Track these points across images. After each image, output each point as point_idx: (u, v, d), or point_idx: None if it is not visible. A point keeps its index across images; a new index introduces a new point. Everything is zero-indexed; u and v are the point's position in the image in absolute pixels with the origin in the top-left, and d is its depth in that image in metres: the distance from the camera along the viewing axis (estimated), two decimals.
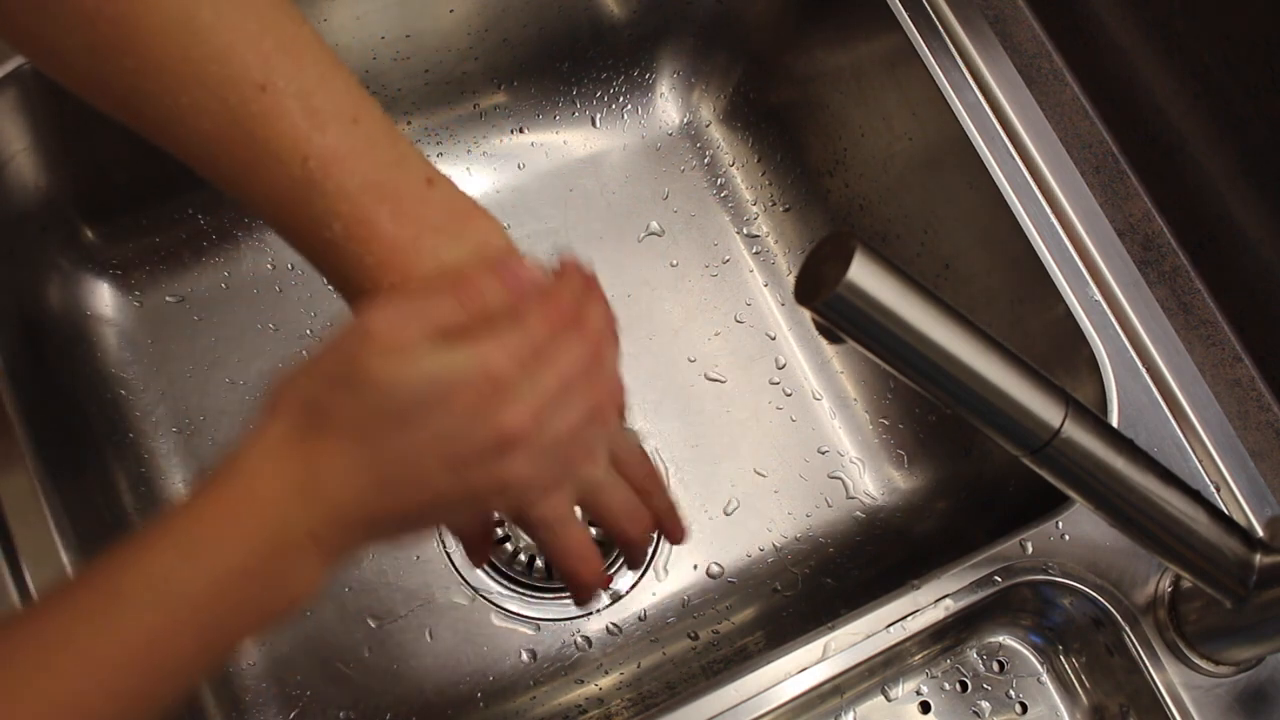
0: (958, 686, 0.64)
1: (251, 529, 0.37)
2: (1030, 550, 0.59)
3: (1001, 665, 0.64)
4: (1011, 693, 0.64)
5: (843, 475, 0.77)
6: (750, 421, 0.77)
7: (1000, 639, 0.64)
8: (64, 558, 0.53)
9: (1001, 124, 0.68)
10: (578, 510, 0.42)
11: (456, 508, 0.40)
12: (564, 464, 0.40)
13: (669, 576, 0.73)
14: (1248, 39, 0.62)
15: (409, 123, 0.79)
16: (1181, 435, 0.63)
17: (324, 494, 0.37)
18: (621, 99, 0.83)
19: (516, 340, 0.38)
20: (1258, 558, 0.49)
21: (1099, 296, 0.65)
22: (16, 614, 0.36)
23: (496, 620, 0.70)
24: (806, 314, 0.42)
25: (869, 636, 0.56)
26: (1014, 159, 0.67)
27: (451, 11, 0.74)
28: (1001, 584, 0.58)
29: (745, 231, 0.83)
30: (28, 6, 0.37)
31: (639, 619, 0.72)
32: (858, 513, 0.76)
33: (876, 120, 0.74)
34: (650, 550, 0.74)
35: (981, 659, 0.64)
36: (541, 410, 0.38)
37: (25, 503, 0.54)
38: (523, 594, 0.71)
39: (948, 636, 0.62)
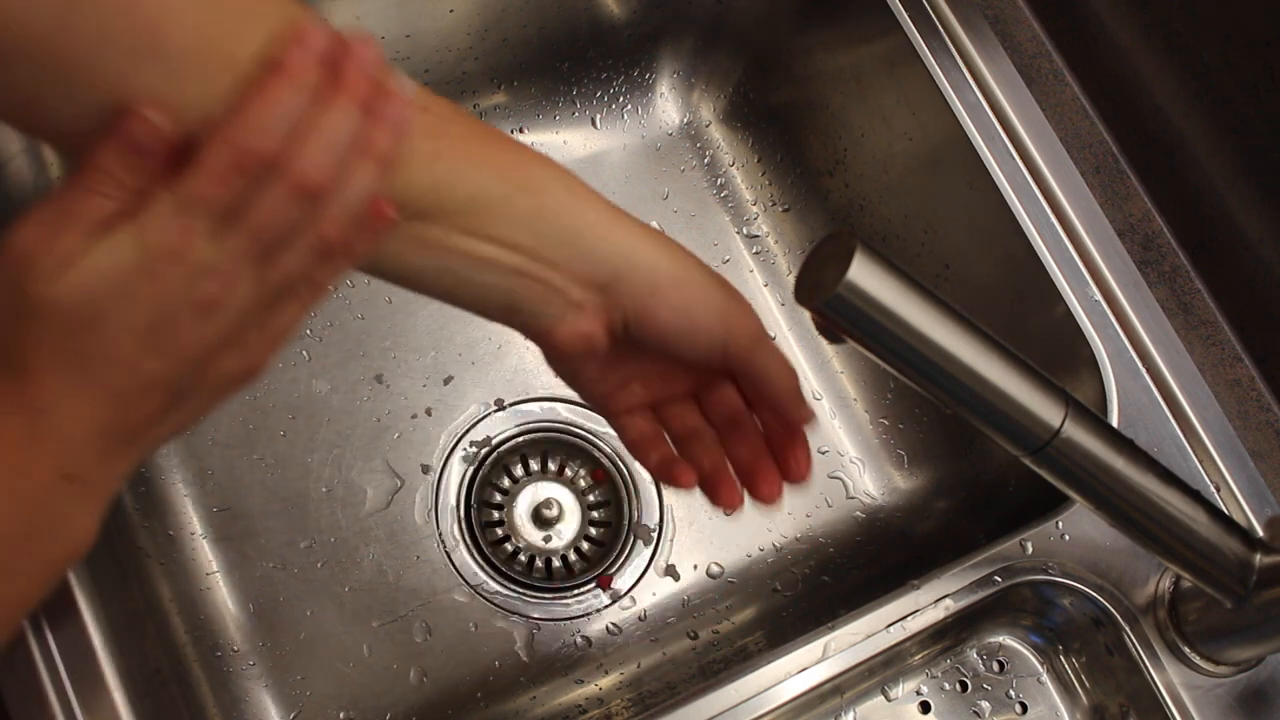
0: (958, 686, 0.64)
1: None
2: (1030, 550, 0.59)
3: (1001, 665, 0.64)
4: (1011, 693, 0.64)
5: (843, 475, 0.77)
6: None
7: (1000, 639, 0.64)
8: None
9: (1001, 124, 0.68)
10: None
11: (199, 389, 0.37)
12: (281, 306, 0.38)
13: (669, 576, 0.73)
14: (1248, 39, 0.62)
15: None
16: (1181, 435, 0.63)
17: (57, 433, 0.35)
18: (621, 99, 0.83)
19: (174, 205, 0.34)
20: (1258, 558, 0.49)
21: (1099, 296, 0.65)
22: None
23: (496, 620, 0.70)
24: (806, 314, 0.42)
25: (869, 636, 0.56)
26: (1014, 159, 0.67)
27: (451, 11, 0.74)
28: (1001, 584, 0.58)
29: (745, 231, 0.83)
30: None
31: (639, 619, 0.72)
32: (858, 513, 0.76)
33: (876, 120, 0.74)
34: (655, 538, 0.74)
35: (981, 659, 0.64)
36: (226, 267, 0.35)
37: None
38: (522, 594, 0.71)
39: (948, 636, 0.62)
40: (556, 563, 0.73)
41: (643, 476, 0.75)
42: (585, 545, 0.74)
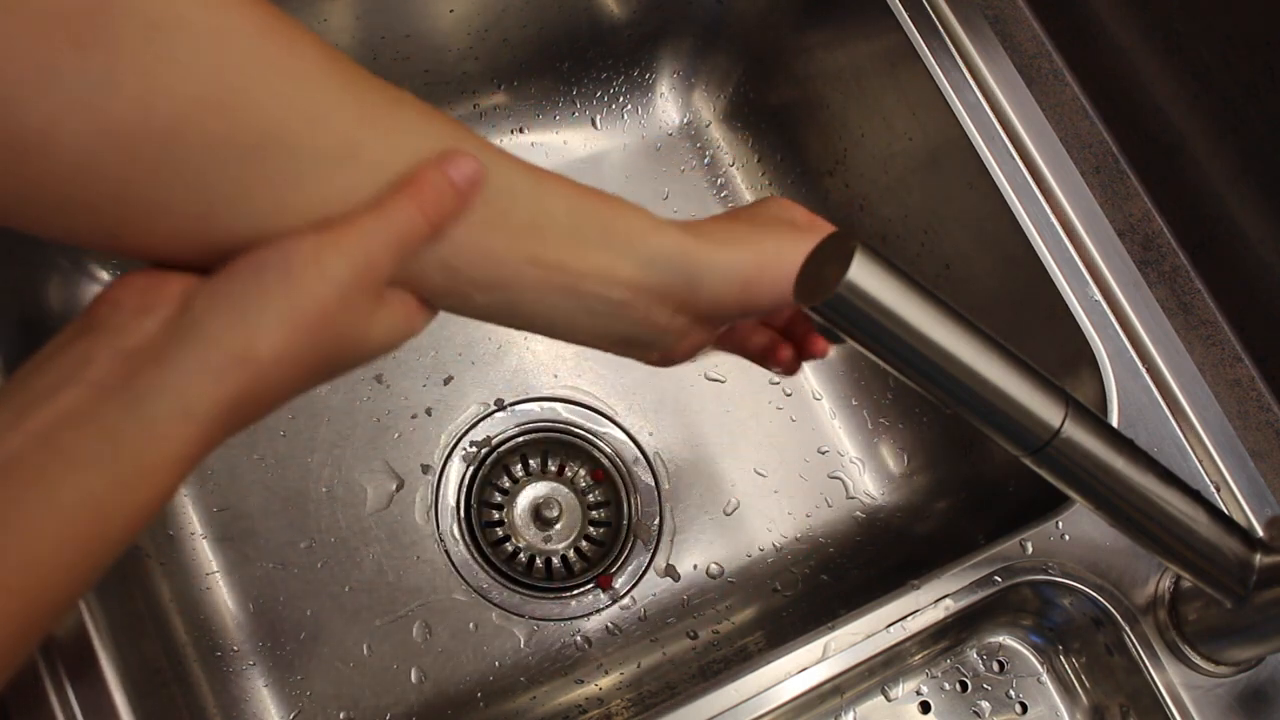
0: (958, 686, 0.64)
1: None
2: (1030, 550, 0.59)
3: (1001, 665, 0.64)
4: (1011, 693, 0.64)
5: (843, 475, 0.77)
6: (750, 421, 0.77)
7: (1000, 639, 0.64)
8: None
9: (1001, 124, 0.68)
10: None
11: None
12: None
13: (669, 577, 0.73)
14: (1248, 39, 0.62)
15: None
16: (1181, 435, 0.63)
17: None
18: (621, 99, 0.83)
19: None
20: (1258, 558, 0.49)
21: (1099, 296, 0.65)
22: None
23: (496, 620, 0.70)
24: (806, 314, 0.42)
25: (869, 636, 0.56)
26: (1014, 159, 0.67)
27: (451, 11, 0.74)
28: (1001, 584, 0.58)
29: None
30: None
31: (639, 619, 0.72)
32: (858, 513, 0.76)
33: (876, 120, 0.74)
34: (655, 538, 0.74)
35: (981, 659, 0.64)
36: None
37: None
38: (522, 594, 0.71)
39: (948, 636, 0.62)
40: (556, 563, 0.73)
41: (642, 476, 0.75)
42: (585, 545, 0.74)
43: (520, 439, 0.75)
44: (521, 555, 0.73)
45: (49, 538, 0.31)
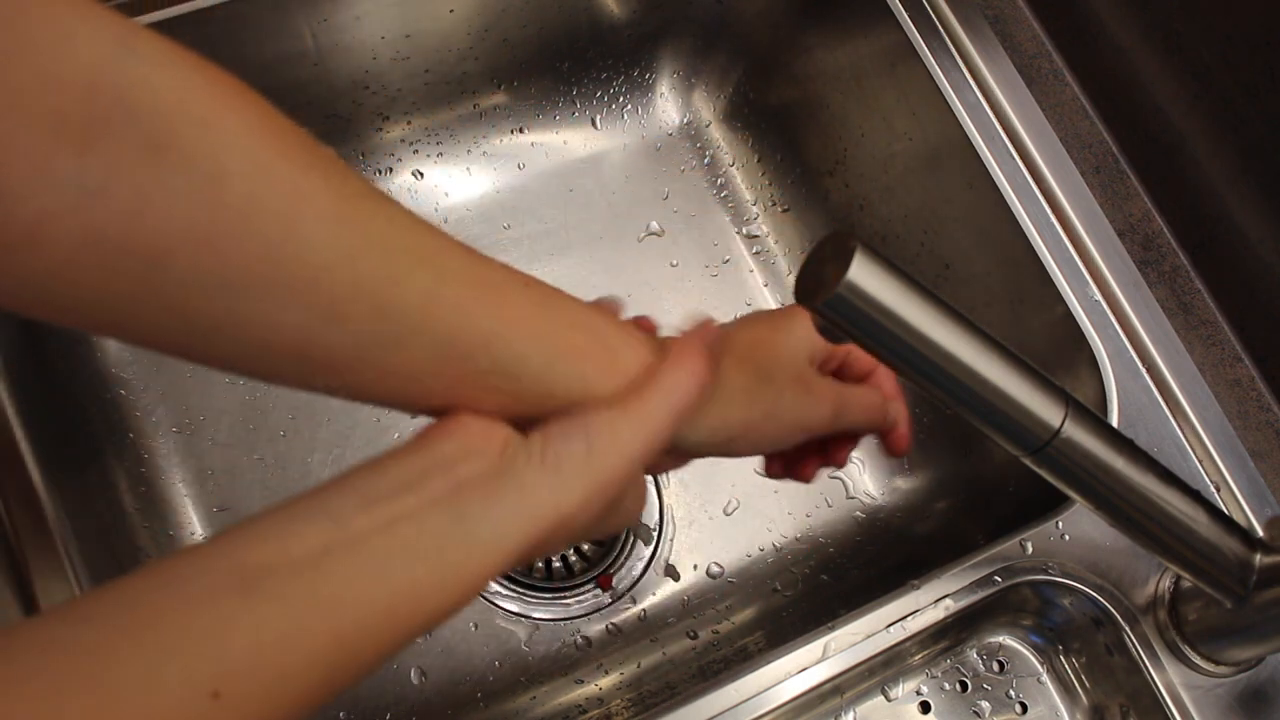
0: (958, 686, 0.64)
1: None
2: (1030, 550, 0.59)
3: (1001, 665, 0.64)
4: (1011, 693, 0.64)
5: (842, 475, 0.77)
6: None
7: (1000, 639, 0.64)
8: (64, 557, 0.53)
9: (1001, 124, 0.68)
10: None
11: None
12: None
13: (669, 577, 0.73)
14: (1248, 39, 0.62)
15: (409, 123, 0.79)
16: (1181, 435, 0.63)
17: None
18: (621, 99, 0.83)
19: None
20: (1258, 558, 0.49)
21: (1099, 296, 0.65)
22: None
23: (496, 620, 0.70)
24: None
25: (869, 636, 0.56)
26: (1014, 159, 0.67)
27: (451, 11, 0.74)
28: (1001, 584, 0.58)
29: (745, 231, 0.83)
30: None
31: (639, 619, 0.72)
32: (858, 513, 0.76)
33: (876, 120, 0.74)
34: (655, 541, 0.74)
35: (981, 659, 0.64)
36: None
37: (25, 503, 0.54)
38: (522, 594, 0.71)
39: (948, 636, 0.62)
40: (556, 563, 0.73)
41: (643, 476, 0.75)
42: (585, 545, 0.74)
43: None
44: None
45: (377, 608, 0.35)
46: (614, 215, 0.81)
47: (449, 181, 0.80)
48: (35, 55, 0.31)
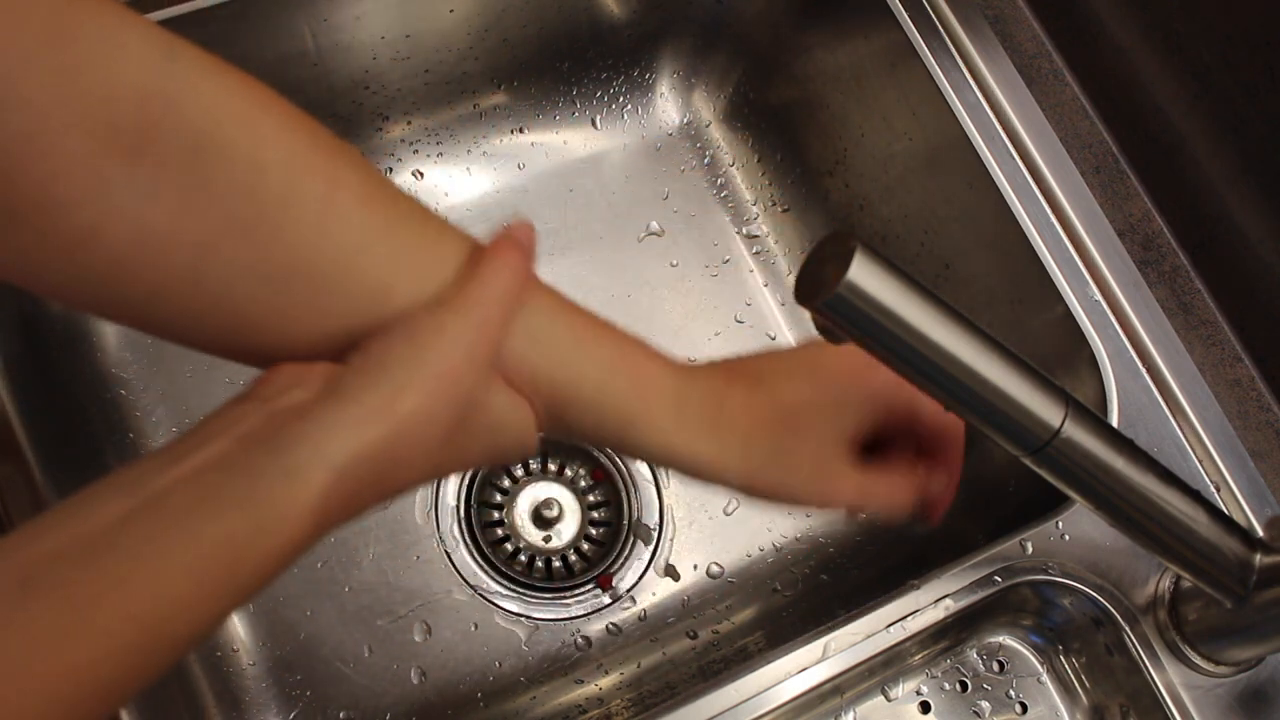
0: (958, 686, 0.64)
1: None
2: (1030, 550, 0.59)
3: (1001, 665, 0.64)
4: (1011, 693, 0.64)
5: None
6: None
7: (1000, 639, 0.64)
8: None
9: (1001, 124, 0.68)
10: None
11: None
12: None
13: (669, 577, 0.73)
14: (1248, 39, 0.62)
15: (409, 123, 0.79)
16: (1181, 435, 0.63)
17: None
18: (621, 99, 0.83)
19: None
20: (1258, 558, 0.49)
21: (1099, 296, 0.65)
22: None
23: (496, 620, 0.70)
24: (806, 314, 0.42)
25: (869, 636, 0.56)
26: (1014, 159, 0.67)
27: (451, 11, 0.74)
28: (1001, 584, 0.58)
29: (745, 231, 0.83)
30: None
31: (639, 619, 0.72)
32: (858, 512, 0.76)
33: (876, 120, 0.74)
34: (656, 535, 0.74)
35: (981, 659, 0.64)
36: None
37: (25, 502, 0.54)
38: (522, 594, 0.71)
39: (948, 636, 0.62)
40: (556, 563, 0.73)
41: (643, 476, 0.75)
42: (585, 545, 0.74)
43: None
44: (522, 555, 0.73)
45: (182, 573, 0.32)
46: (614, 215, 0.81)
47: (449, 181, 0.80)
48: (93, 71, 0.33)
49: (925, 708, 0.63)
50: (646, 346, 0.45)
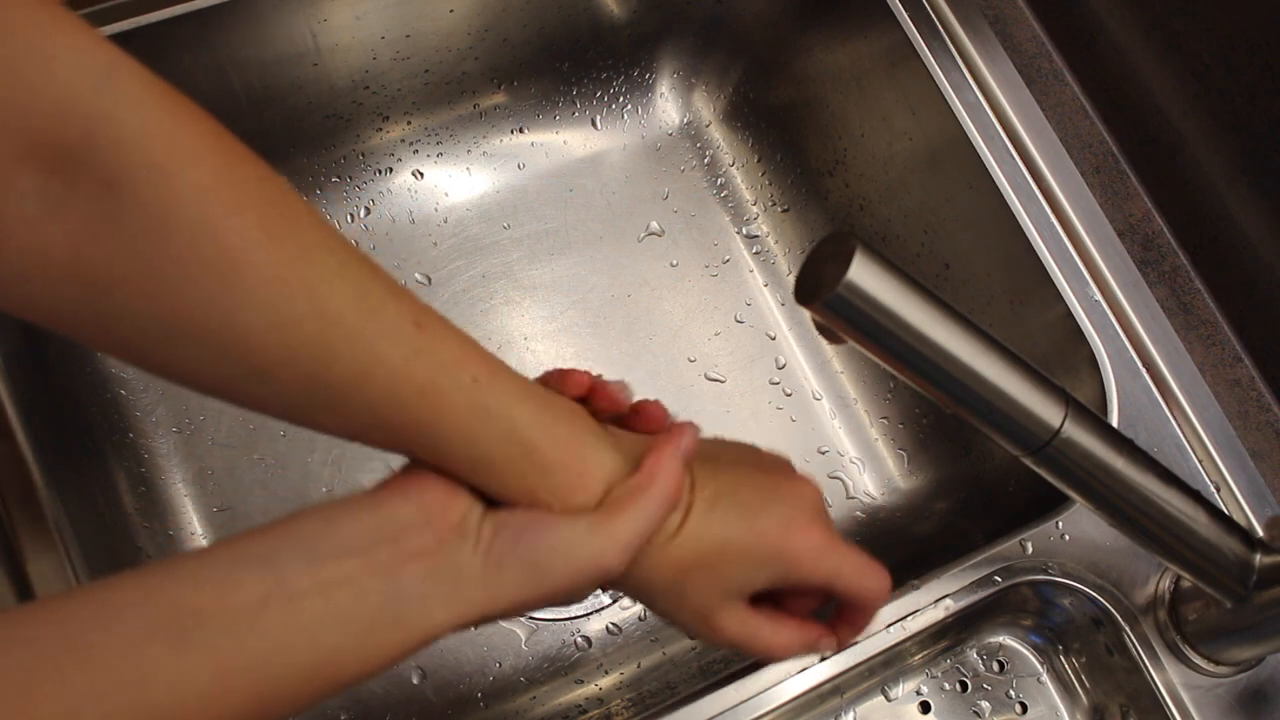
0: (958, 686, 0.64)
1: None
2: (1030, 550, 0.59)
3: (1001, 665, 0.64)
4: (1011, 693, 0.64)
5: (843, 475, 0.77)
6: (750, 421, 0.77)
7: (1000, 639, 0.64)
8: (64, 557, 0.53)
9: (1001, 124, 0.68)
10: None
11: None
12: None
13: None
14: (1248, 39, 0.62)
15: (409, 123, 0.79)
16: (1181, 435, 0.63)
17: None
18: (621, 99, 0.83)
19: None
20: (1258, 558, 0.49)
21: (1099, 296, 0.65)
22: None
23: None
24: (806, 314, 0.42)
25: (869, 636, 0.56)
26: (1014, 159, 0.67)
27: (451, 11, 0.74)
28: (1001, 584, 0.58)
29: (745, 231, 0.83)
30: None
31: (639, 619, 0.72)
32: (858, 513, 0.76)
33: (876, 120, 0.74)
34: None
35: (981, 659, 0.64)
36: None
37: (25, 502, 0.54)
38: None
39: (948, 636, 0.62)
40: None
41: None
42: None
43: None
44: None
45: (297, 666, 0.36)
46: (614, 215, 0.81)
47: (449, 181, 0.80)
48: (15, 76, 0.32)
49: (925, 708, 0.63)
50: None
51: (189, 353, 0.36)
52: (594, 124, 0.83)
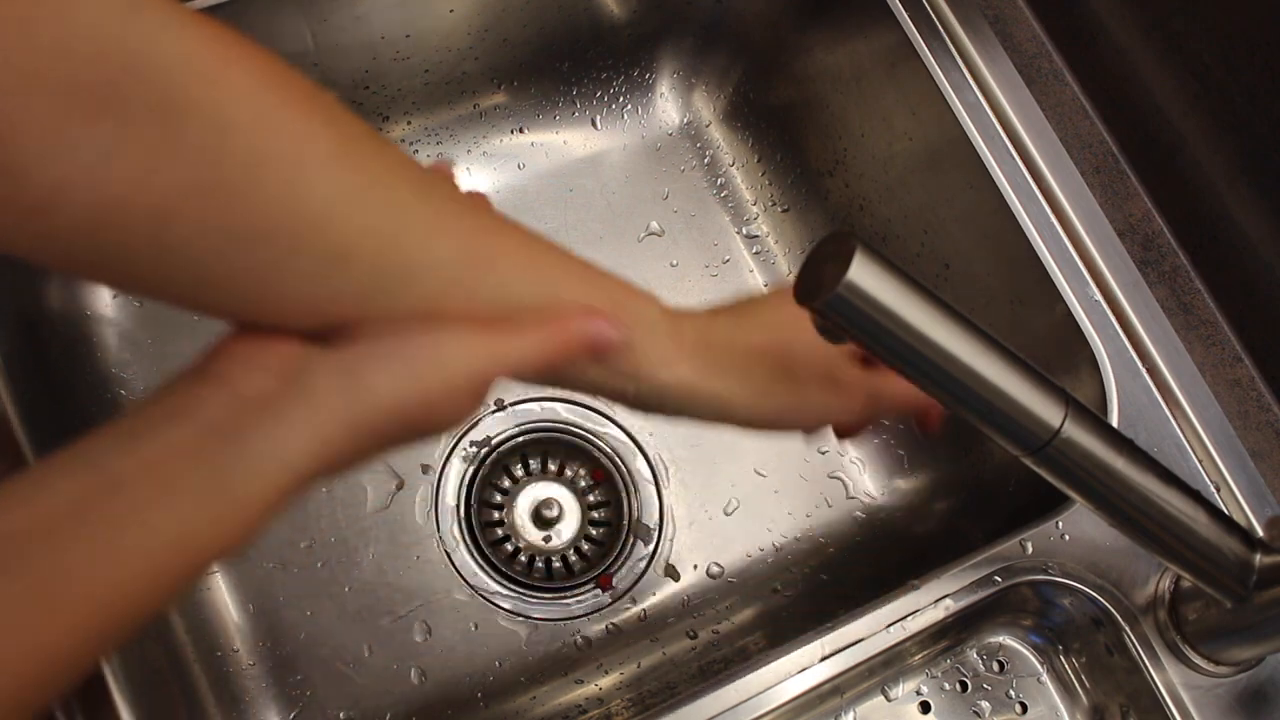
0: (958, 686, 0.64)
1: None
2: (1030, 550, 0.59)
3: (1001, 665, 0.64)
4: (1011, 693, 0.64)
5: (843, 475, 0.77)
6: None
7: (1000, 639, 0.64)
8: None
9: (1001, 124, 0.68)
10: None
11: None
12: None
13: (669, 576, 0.73)
14: (1248, 39, 0.62)
15: (409, 123, 0.79)
16: (1181, 435, 0.63)
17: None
18: (621, 99, 0.83)
19: None
20: (1258, 558, 0.49)
21: (1099, 296, 0.65)
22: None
23: (496, 620, 0.70)
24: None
25: (869, 636, 0.56)
26: (1014, 159, 0.67)
27: (451, 11, 0.74)
28: (1001, 584, 0.58)
29: (745, 231, 0.83)
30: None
31: (639, 619, 0.72)
32: (858, 513, 0.76)
33: (876, 120, 0.74)
34: (655, 541, 0.74)
35: (981, 659, 0.64)
36: None
37: None
38: (522, 594, 0.71)
39: (948, 636, 0.62)
40: (556, 563, 0.73)
41: (643, 476, 0.75)
42: (585, 545, 0.74)
43: (520, 439, 0.75)
44: (521, 555, 0.73)
45: (141, 559, 0.33)
46: (614, 215, 0.81)
47: None
48: (43, 24, 0.31)
49: (925, 708, 0.63)
50: (630, 285, 0.45)
51: (259, 258, 0.35)
52: (594, 124, 0.83)
